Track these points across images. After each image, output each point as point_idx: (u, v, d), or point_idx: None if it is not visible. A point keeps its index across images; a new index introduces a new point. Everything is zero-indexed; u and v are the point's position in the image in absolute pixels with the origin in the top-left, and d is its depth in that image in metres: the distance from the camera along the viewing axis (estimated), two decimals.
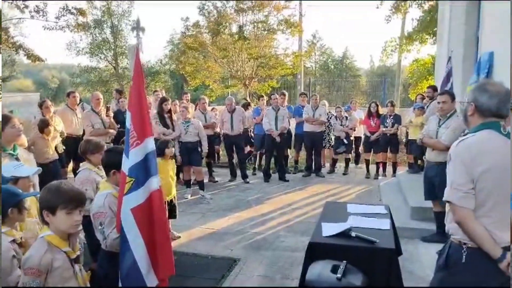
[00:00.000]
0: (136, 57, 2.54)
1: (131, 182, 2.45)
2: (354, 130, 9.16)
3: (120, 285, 2.56)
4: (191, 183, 7.59)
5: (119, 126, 8.69)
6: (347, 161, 9.28)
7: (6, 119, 3.24)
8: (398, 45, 18.26)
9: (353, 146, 9.45)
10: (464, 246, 2.13)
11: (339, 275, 2.51)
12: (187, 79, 17.36)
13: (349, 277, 2.56)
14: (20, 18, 12.89)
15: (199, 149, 7.29)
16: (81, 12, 12.34)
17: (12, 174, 2.66)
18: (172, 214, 5.22)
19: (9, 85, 36.61)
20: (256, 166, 9.48)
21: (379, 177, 8.64)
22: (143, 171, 2.48)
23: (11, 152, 3.26)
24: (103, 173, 3.19)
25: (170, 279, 4.11)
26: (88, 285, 2.22)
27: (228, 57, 16.21)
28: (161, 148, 5.27)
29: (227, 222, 5.98)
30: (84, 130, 7.15)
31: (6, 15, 13.15)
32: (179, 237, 5.33)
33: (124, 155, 2.56)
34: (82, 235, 2.49)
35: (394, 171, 8.62)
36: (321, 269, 2.60)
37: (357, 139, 9.57)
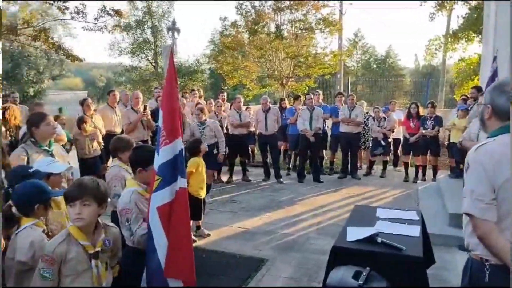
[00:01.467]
0: (169, 57, 2.56)
1: (159, 180, 2.47)
2: (392, 131, 8.87)
3: (144, 283, 2.60)
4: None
5: (157, 124, 8.93)
6: (384, 163, 9.01)
7: (42, 116, 3.39)
8: (442, 43, 17.52)
9: (391, 148, 9.16)
10: (486, 263, 1.94)
11: (361, 282, 2.43)
12: (225, 78, 17.52)
13: (372, 284, 2.46)
14: (61, 19, 13.43)
15: (216, 151, 6.93)
16: (119, 13, 12.74)
17: (44, 170, 2.77)
18: (200, 214, 5.29)
19: (60, 84, 38.53)
20: (291, 167, 9.41)
21: (418, 181, 8.32)
22: (171, 170, 2.49)
23: (46, 148, 3.41)
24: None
25: (197, 277, 4.20)
26: (104, 283, 2.26)
27: (265, 56, 16.21)
28: (194, 147, 5.35)
29: (257, 222, 5.97)
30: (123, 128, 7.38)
31: (45, 16, 13.77)
32: (209, 235, 5.38)
33: (156, 153, 2.60)
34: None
35: (434, 175, 8.28)
36: (342, 275, 2.52)
37: (396, 141, 9.25)
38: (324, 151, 9.29)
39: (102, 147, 6.64)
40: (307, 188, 7.94)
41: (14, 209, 2.41)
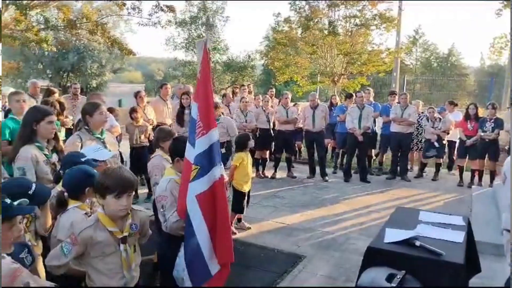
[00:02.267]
0: (203, 51, 2.62)
1: (197, 169, 2.56)
2: (448, 133, 8.44)
3: (177, 268, 2.70)
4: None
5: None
6: (437, 166, 8.61)
7: (95, 106, 3.59)
8: (509, 41, 16.33)
9: (445, 150, 8.72)
10: None
11: (394, 285, 2.35)
12: (276, 74, 17.52)
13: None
14: (119, 15, 14.02)
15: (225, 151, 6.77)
16: (171, 9, 13.17)
17: (91, 156, 2.95)
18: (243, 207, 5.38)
19: (121, 77, 40.47)
20: (337, 165, 9.26)
21: (473, 186, 7.86)
22: (208, 160, 2.58)
23: (99, 136, 3.61)
24: None
25: (233, 268, 4.28)
26: (133, 264, 2.36)
27: (318, 52, 15.99)
28: (242, 142, 5.43)
29: (299, 218, 5.95)
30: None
31: (108, 12, 14.44)
32: (249, 228, 5.45)
33: (188, 143, 2.68)
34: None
35: (492, 180, 7.77)
36: (374, 276, 2.46)
37: (451, 143, 8.79)
38: (373, 150, 9.05)
39: (153, 137, 6.92)
40: (353, 187, 7.79)
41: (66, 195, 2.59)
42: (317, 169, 8.49)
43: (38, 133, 3.12)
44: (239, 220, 5.50)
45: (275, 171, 8.49)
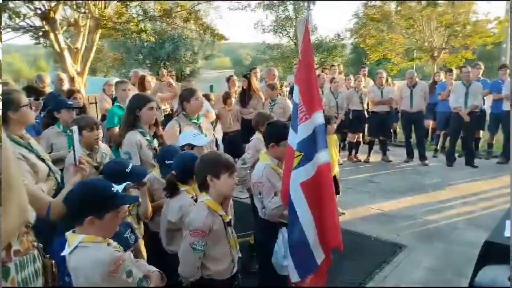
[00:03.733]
0: (305, 31, 2.48)
1: (300, 156, 2.45)
2: None
3: (274, 257, 2.67)
4: None
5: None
6: None
7: (192, 92, 3.68)
8: None
9: None
10: None
11: None
12: (367, 52, 16.66)
13: None
14: (209, 1, 14.19)
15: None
16: None
17: (188, 141, 3.02)
18: (336, 190, 5.21)
19: (212, 63, 42.04)
20: (438, 148, 8.54)
21: None
22: (312, 145, 2.45)
23: (195, 121, 3.71)
24: None
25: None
26: (237, 246, 2.38)
27: (414, 26, 14.80)
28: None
29: (396, 205, 5.60)
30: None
31: None
32: (343, 213, 5.26)
33: (291, 129, 2.59)
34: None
35: None
36: (496, 275, 2.17)
37: None
38: (481, 131, 8.17)
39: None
40: (457, 172, 7.12)
41: None
42: (415, 152, 7.92)
43: (140, 119, 3.28)
44: None
45: (369, 154, 8.10)
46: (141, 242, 2.80)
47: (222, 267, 2.25)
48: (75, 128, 2.17)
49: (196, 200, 2.64)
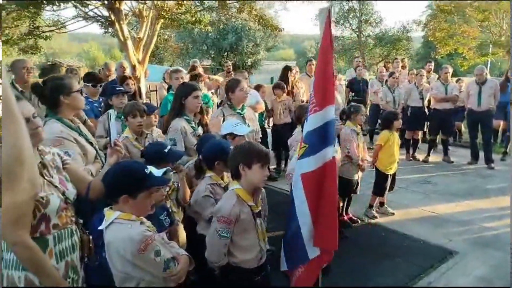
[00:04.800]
0: (326, 24, 2.41)
1: (305, 148, 2.45)
2: None
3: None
4: None
5: (353, 94, 8.81)
6: None
7: (236, 83, 3.73)
8: None
9: None
10: None
11: None
12: (436, 46, 15.71)
13: None
14: None
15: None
16: None
17: (230, 131, 3.06)
18: (391, 186, 5.05)
19: (275, 55, 42.02)
20: (507, 151, 7.89)
21: None
22: (319, 138, 2.42)
23: (239, 111, 3.75)
24: None
25: (370, 254, 4.04)
26: (265, 238, 2.38)
27: (490, 19, 13.68)
28: (387, 119, 5.07)
29: (453, 208, 5.28)
30: None
31: None
32: (393, 213, 5.06)
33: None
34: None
35: None
36: None
37: None
38: None
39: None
40: None
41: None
42: (481, 154, 7.38)
43: (186, 107, 3.38)
44: (382, 204, 5.16)
45: (428, 154, 7.68)
46: (180, 226, 2.88)
47: (249, 257, 2.28)
48: (111, 112, 2.29)
49: (223, 188, 2.70)
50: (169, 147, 2.72)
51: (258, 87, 6.10)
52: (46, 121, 2.54)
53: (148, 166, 2.00)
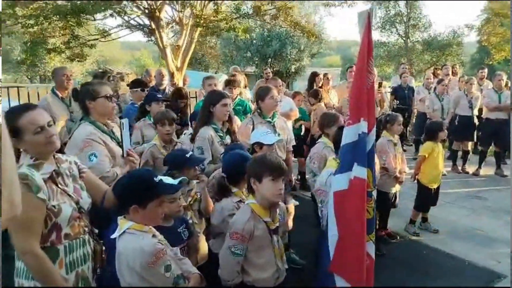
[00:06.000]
0: (366, 28, 2.23)
1: (339, 163, 2.29)
2: None
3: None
4: None
5: (397, 102, 8.45)
6: None
7: (267, 90, 3.61)
8: None
9: None
10: None
11: None
12: (491, 52, 14.81)
13: None
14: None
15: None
16: None
17: (257, 140, 2.95)
18: (433, 202, 4.75)
19: (320, 61, 41.57)
20: None
21: None
22: (350, 155, 2.23)
23: (269, 120, 3.63)
24: None
25: (410, 272, 3.77)
26: (284, 256, 2.23)
27: None
28: (433, 129, 4.77)
29: (504, 227, 4.83)
30: None
31: None
32: (436, 231, 4.72)
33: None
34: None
35: None
36: None
37: None
38: None
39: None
40: None
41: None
42: None
43: (214, 115, 3.31)
44: (425, 219, 4.83)
45: (479, 166, 7.15)
46: (202, 238, 2.80)
47: (264, 276, 2.15)
48: (124, 121, 2.25)
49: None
50: (190, 153, 2.67)
51: (294, 95, 5.95)
52: (81, 123, 2.64)
53: (158, 175, 1.94)
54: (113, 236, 1.85)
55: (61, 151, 2.53)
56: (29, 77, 26.51)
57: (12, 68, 25.12)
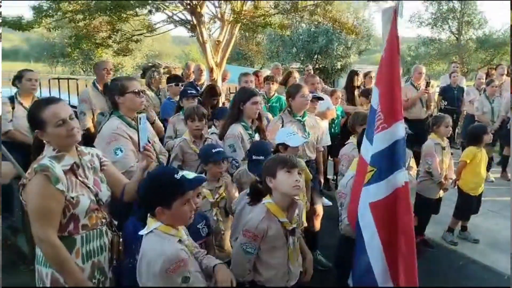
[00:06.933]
0: (392, 24, 2.11)
1: (373, 172, 2.13)
2: None
3: (350, 280, 2.39)
4: None
5: (445, 103, 8.07)
6: None
7: (297, 88, 3.53)
8: None
9: None
10: None
11: None
12: None
13: None
14: None
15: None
16: None
17: (282, 141, 2.90)
18: (476, 210, 4.51)
19: (368, 59, 40.48)
20: None
21: None
22: (388, 161, 2.10)
23: (299, 118, 3.57)
24: None
25: (440, 283, 3.59)
26: (299, 259, 2.18)
27: None
28: (474, 134, 4.49)
29: None
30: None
31: None
32: (477, 241, 4.46)
33: (365, 138, 2.28)
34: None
35: None
36: None
37: None
38: None
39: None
40: None
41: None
42: None
43: (244, 113, 3.29)
44: (464, 228, 4.58)
45: None
46: (225, 236, 2.80)
47: (273, 275, 2.12)
48: (141, 116, 2.27)
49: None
50: (219, 148, 2.75)
51: (332, 93, 5.80)
52: (110, 117, 2.74)
53: (180, 171, 1.92)
54: (140, 233, 1.83)
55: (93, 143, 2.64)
56: (84, 69, 27.84)
57: (68, 62, 26.46)
